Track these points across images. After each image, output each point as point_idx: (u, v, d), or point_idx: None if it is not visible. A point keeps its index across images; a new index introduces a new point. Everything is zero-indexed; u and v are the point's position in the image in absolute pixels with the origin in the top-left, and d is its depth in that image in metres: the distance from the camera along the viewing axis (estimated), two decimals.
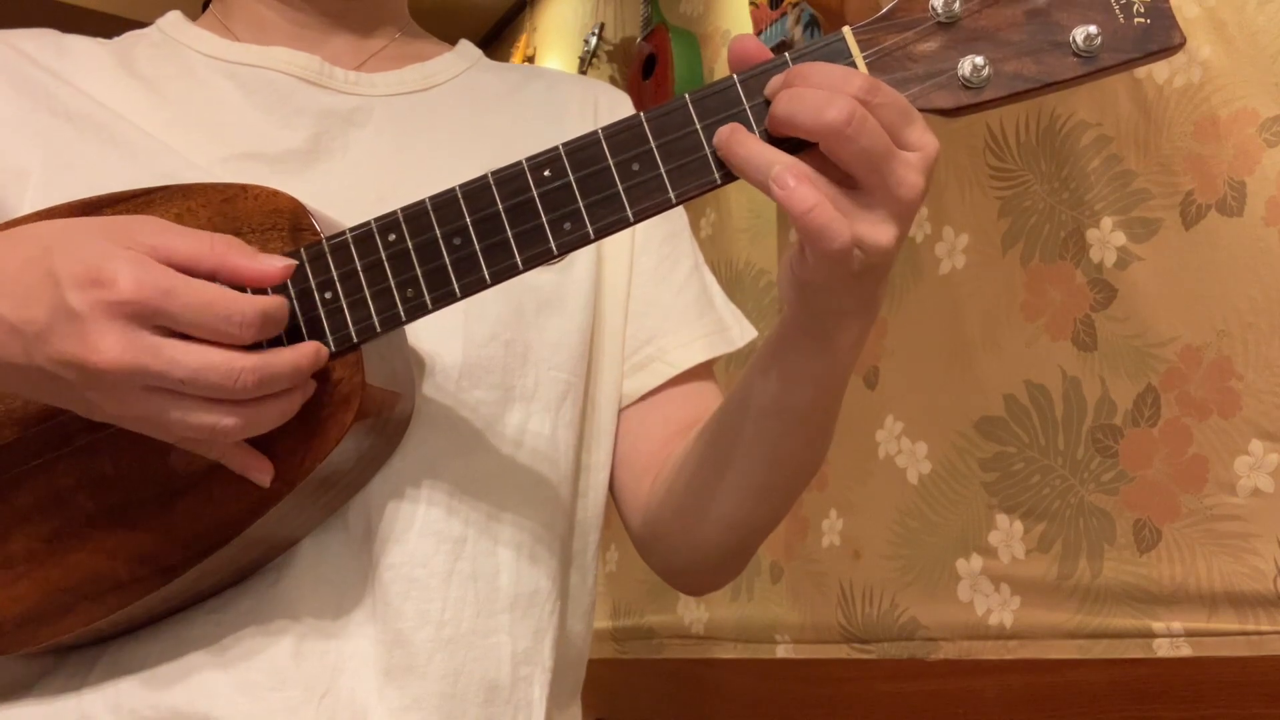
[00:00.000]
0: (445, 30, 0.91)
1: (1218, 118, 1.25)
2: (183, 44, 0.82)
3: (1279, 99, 1.19)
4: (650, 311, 0.85)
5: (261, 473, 0.61)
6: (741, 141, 0.56)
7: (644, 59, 2.28)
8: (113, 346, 0.54)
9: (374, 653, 0.68)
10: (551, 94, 0.88)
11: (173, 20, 0.84)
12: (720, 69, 2.16)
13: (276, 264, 0.59)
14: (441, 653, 0.69)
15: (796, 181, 0.54)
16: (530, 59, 2.92)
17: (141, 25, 0.85)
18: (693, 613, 2.04)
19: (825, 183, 0.55)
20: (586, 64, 2.55)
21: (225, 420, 0.57)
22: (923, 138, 0.56)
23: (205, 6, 0.88)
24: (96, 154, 0.73)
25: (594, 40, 2.55)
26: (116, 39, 0.83)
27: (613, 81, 2.54)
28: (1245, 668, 1.16)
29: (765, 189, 0.55)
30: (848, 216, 0.55)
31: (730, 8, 2.16)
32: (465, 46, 0.90)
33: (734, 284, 2.03)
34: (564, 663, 0.77)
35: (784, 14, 1.85)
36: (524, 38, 2.98)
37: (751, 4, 1.97)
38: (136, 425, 0.58)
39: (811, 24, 1.77)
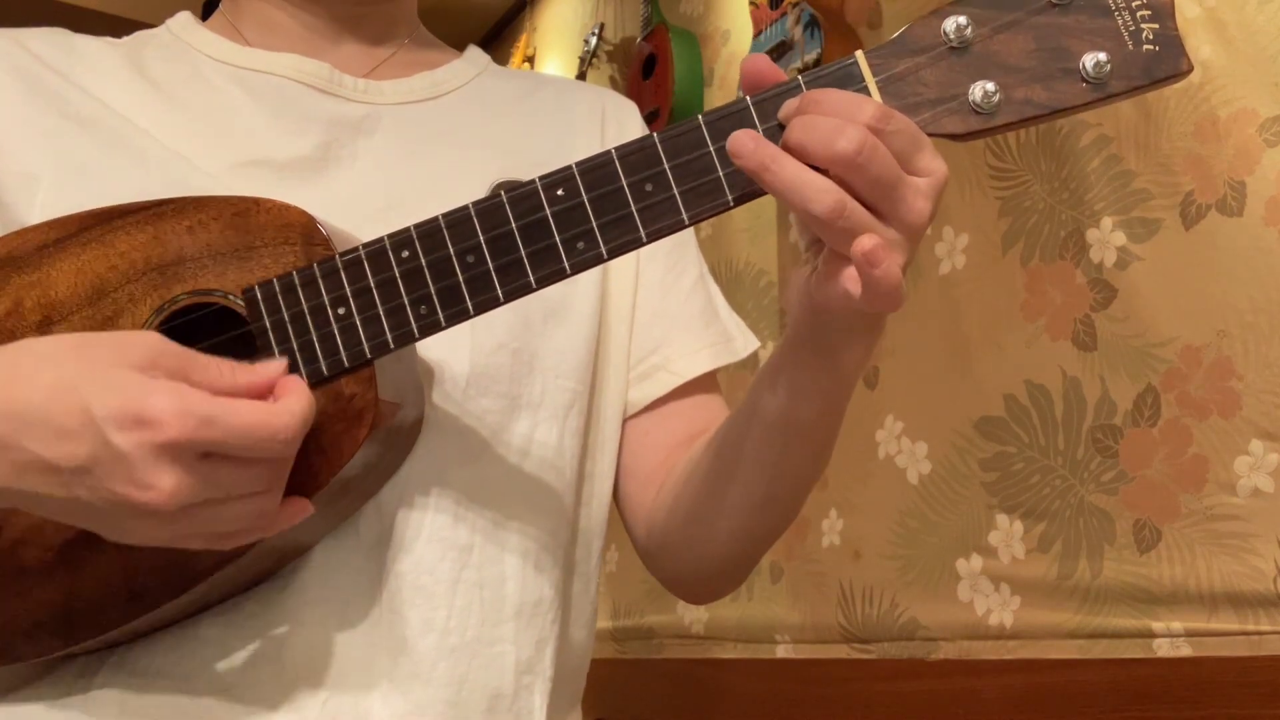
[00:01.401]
0: (445, 30, 0.91)
1: (1218, 118, 1.25)
2: (192, 47, 0.81)
3: (1279, 99, 1.19)
4: (655, 321, 0.85)
5: (305, 512, 0.61)
6: (776, 158, 0.55)
7: (644, 59, 2.28)
8: (167, 484, 0.53)
9: (379, 659, 0.69)
10: (560, 102, 0.88)
11: (183, 22, 0.84)
12: (720, 69, 2.16)
13: (276, 370, 0.58)
14: (446, 660, 0.69)
15: (889, 259, 0.54)
16: (530, 59, 2.92)
17: (147, 26, 0.85)
18: (693, 613, 2.04)
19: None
20: (586, 64, 2.55)
21: (266, 498, 0.57)
22: (932, 164, 0.56)
23: (206, 9, 0.88)
24: (107, 159, 0.73)
25: (594, 40, 2.55)
26: (126, 39, 0.83)
27: (612, 81, 2.54)
28: (1245, 668, 1.16)
29: (804, 215, 0.55)
30: None
31: (730, 8, 2.16)
32: (474, 53, 0.90)
33: (734, 284, 2.03)
34: (565, 671, 0.78)
35: (784, 14, 1.85)
36: (524, 38, 2.98)
37: (751, 4, 1.97)
38: (177, 542, 0.58)
39: (811, 24, 1.77)
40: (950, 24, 0.57)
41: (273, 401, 0.57)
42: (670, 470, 0.82)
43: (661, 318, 0.85)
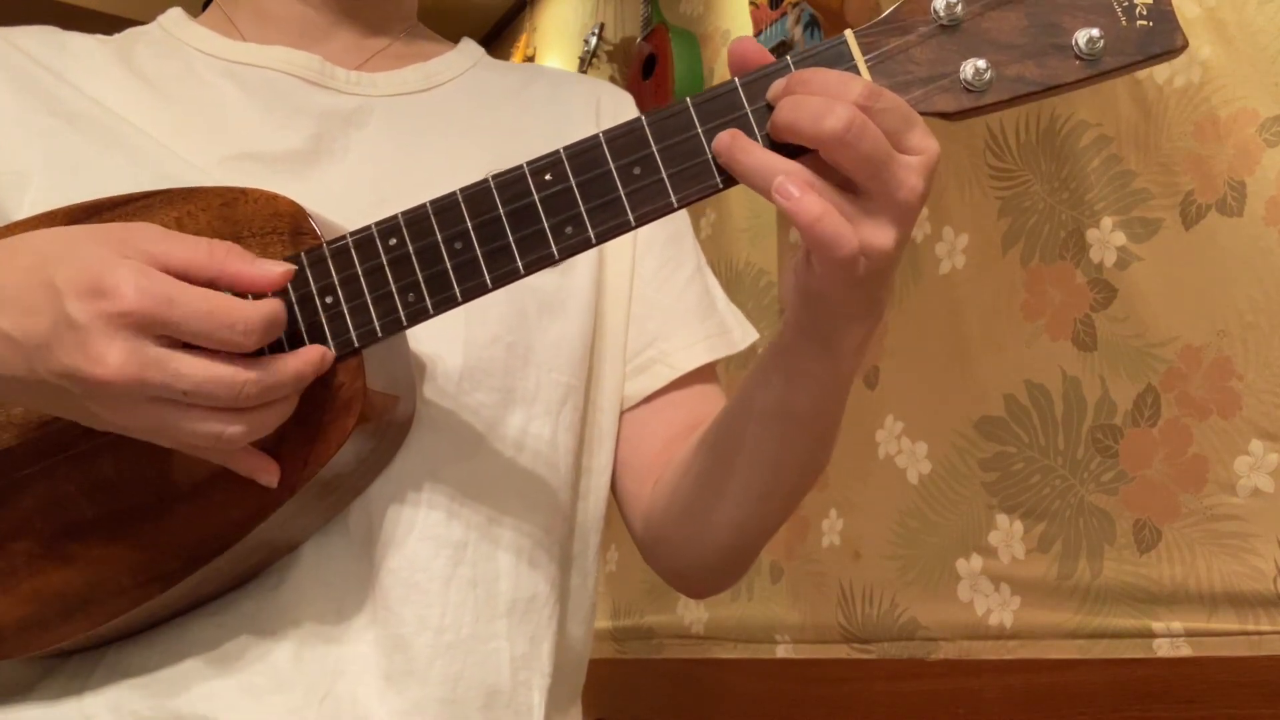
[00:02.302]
0: (445, 30, 0.90)
1: (1218, 118, 1.25)
2: (183, 42, 0.81)
3: (1279, 99, 1.19)
4: (652, 314, 0.85)
5: (269, 474, 0.60)
6: (744, 149, 0.56)
7: (644, 59, 2.28)
8: (115, 358, 0.54)
9: (374, 657, 0.68)
10: (554, 94, 0.88)
11: (174, 17, 0.84)
12: (720, 69, 2.16)
13: (276, 269, 0.58)
14: (441, 658, 0.69)
15: (801, 191, 0.54)
16: (530, 59, 2.92)
17: (141, 23, 0.85)
18: (693, 613, 2.04)
19: (829, 189, 0.55)
20: (586, 64, 2.55)
21: (230, 428, 0.57)
22: (923, 142, 0.56)
23: (205, 4, 0.88)
24: (98, 155, 0.73)
25: (594, 40, 2.55)
26: (117, 36, 0.83)
27: (612, 81, 2.53)
28: (1245, 668, 1.16)
29: (769, 197, 0.55)
30: (851, 222, 0.55)
31: (730, 8, 2.16)
32: (467, 45, 0.90)
33: (734, 284, 2.03)
34: (563, 666, 0.77)
35: (784, 14, 1.85)
36: (524, 37, 2.98)
37: (751, 4, 1.97)
38: (142, 434, 0.58)
39: (811, 24, 1.77)
40: (940, 1, 0.56)
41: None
42: (668, 463, 0.81)
43: (658, 310, 0.85)
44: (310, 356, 0.59)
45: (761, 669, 1.84)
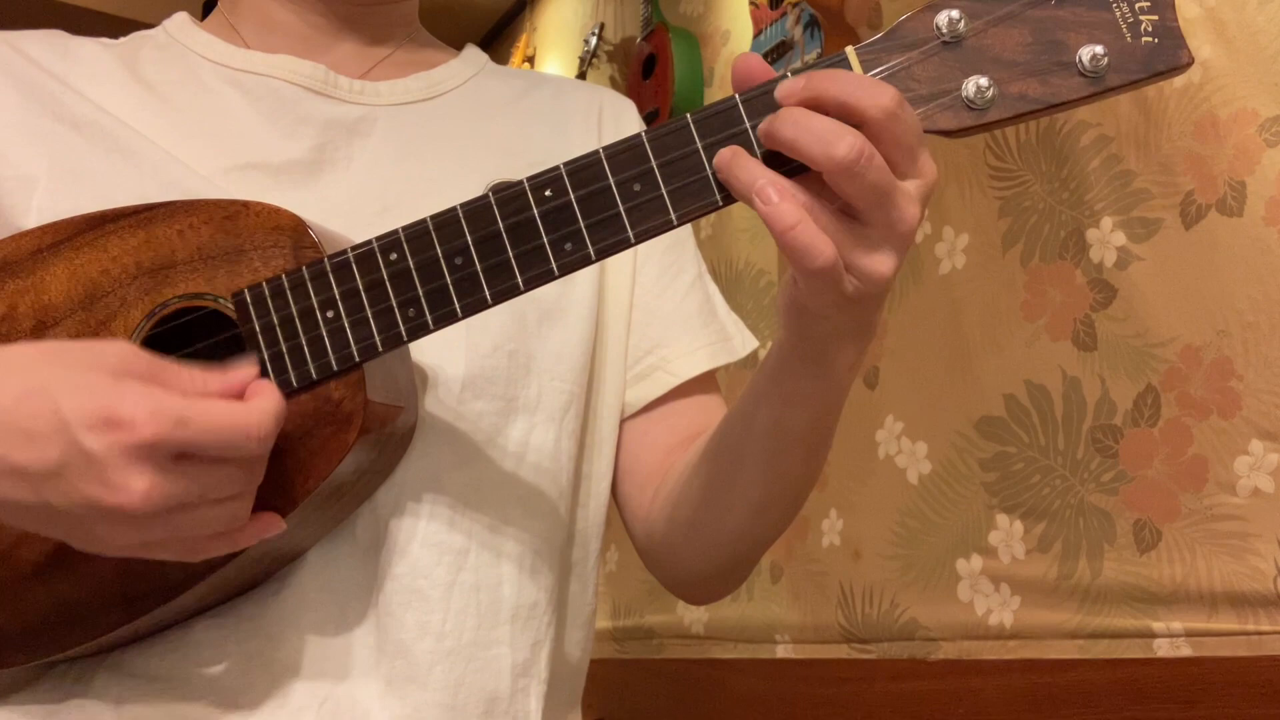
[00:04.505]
0: (445, 30, 0.91)
1: (1218, 118, 1.25)
2: (189, 49, 0.81)
3: (1279, 99, 1.19)
4: (653, 321, 0.85)
5: (275, 527, 0.60)
6: (744, 166, 0.55)
7: (644, 59, 2.28)
8: (139, 486, 0.53)
9: (375, 662, 0.69)
10: (557, 101, 0.88)
11: (179, 23, 0.84)
12: (720, 69, 2.16)
13: (245, 374, 0.58)
14: (442, 664, 0.69)
15: (780, 197, 0.53)
16: (530, 59, 2.92)
17: (145, 26, 0.85)
18: (693, 613, 2.04)
19: (824, 211, 0.54)
20: (586, 64, 2.55)
21: (241, 506, 0.57)
22: (926, 165, 0.55)
23: (206, 9, 0.88)
24: (102, 162, 0.73)
25: (594, 40, 2.55)
26: (123, 40, 0.83)
27: (612, 81, 2.54)
28: (1245, 668, 1.16)
29: (750, 204, 0.54)
30: (845, 245, 0.54)
31: (730, 8, 2.16)
32: (471, 52, 0.90)
33: (734, 284, 2.03)
34: (561, 672, 0.77)
35: (784, 14, 1.85)
36: (524, 38, 2.98)
37: (752, 4, 1.97)
38: (147, 551, 0.57)
39: (812, 24, 1.77)
40: (943, 18, 0.56)
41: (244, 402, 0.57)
42: (669, 471, 0.81)
43: (658, 317, 0.85)
44: (271, 395, 0.58)
45: (761, 669, 1.84)
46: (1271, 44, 1.20)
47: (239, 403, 0.56)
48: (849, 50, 0.57)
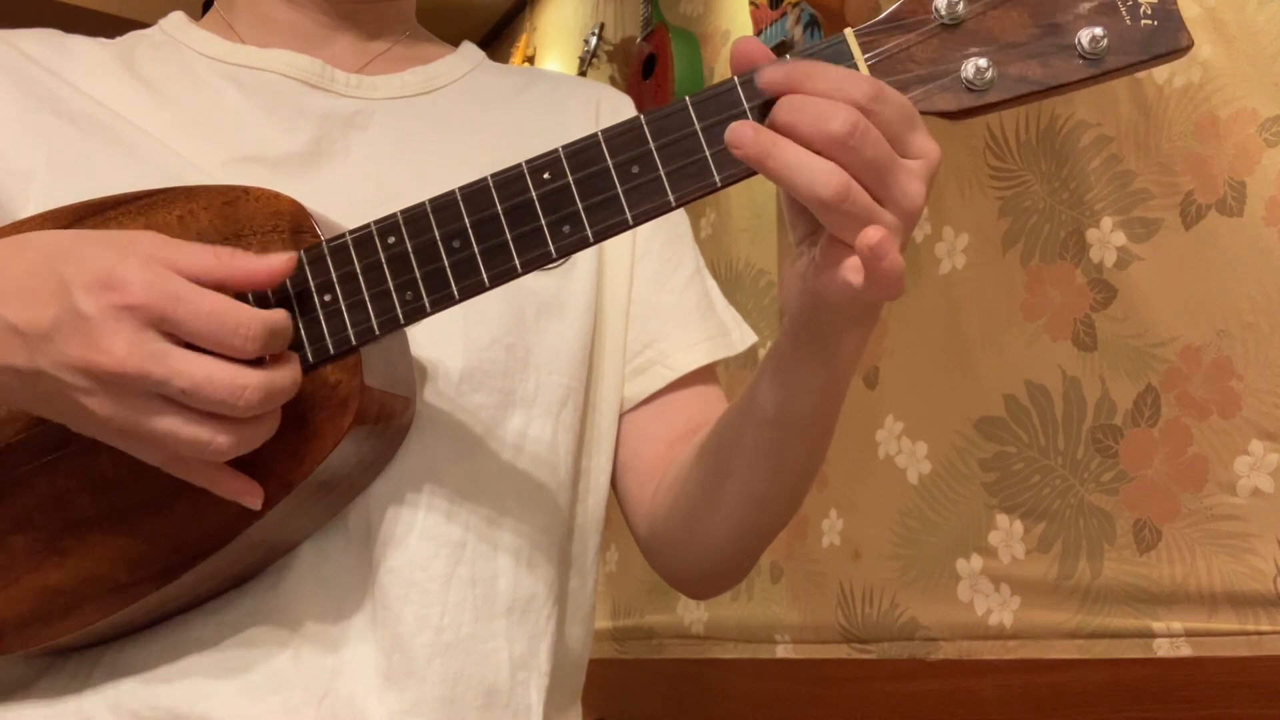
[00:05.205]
0: (445, 30, 0.91)
1: (1218, 118, 1.25)
2: (184, 45, 0.81)
3: (1279, 99, 1.19)
4: (651, 315, 0.85)
5: (253, 497, 0.60)
6: (776, 143, 0.53)
7: (644, 59, 2.28)
8: (121, 348, 0.54)
9: (373, 656, 0.68)
10: (554, 97, 0.88)
11: (175, 21, 0.84)
12: (720, 69, 2.16)
13: (279, 257, 0.58)
14: (440, 657, 0.69)
15: (891, 249, 0.52)
16: (530, 59, 2.92)
17: (143, 25, 0.85)
18: (693, 613, 2.04)
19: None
20: (586, 64, 2.55)
21: (219, 438, 0.56)
22: (925, 145, 0.55)
23: (205, 8, 0.88)
24: (100, 155, 0.73)
25: (594, 40, 2.55)
26: (119, 39, 0.83)
27: (613, 81, 2.54)
28: (1245, 668, 1.16)
29: (841, 232, 0.54)
30: None
31: (730, 8, 2.16)
32: (468, 48, 0.90)
33: (734, 284, 2.03)
34: (562, 667, 0.77)
35: (784, 14, 1.85)
36: (524, 38, 2.98)
37: (752, 4, 1.97)
38: (123, 436, 0.57)
39: (812, 24, 1.77)
40: (942, 0, 0.56)
41: None
42: (669, 465, 0.81)
43: (657, 311, 0.85)
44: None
45: (761, 669, 1.84)
46: (1271, 44, 1.20)
47: (239, 301, 0.57)
48: (848, 33, 0.57)
